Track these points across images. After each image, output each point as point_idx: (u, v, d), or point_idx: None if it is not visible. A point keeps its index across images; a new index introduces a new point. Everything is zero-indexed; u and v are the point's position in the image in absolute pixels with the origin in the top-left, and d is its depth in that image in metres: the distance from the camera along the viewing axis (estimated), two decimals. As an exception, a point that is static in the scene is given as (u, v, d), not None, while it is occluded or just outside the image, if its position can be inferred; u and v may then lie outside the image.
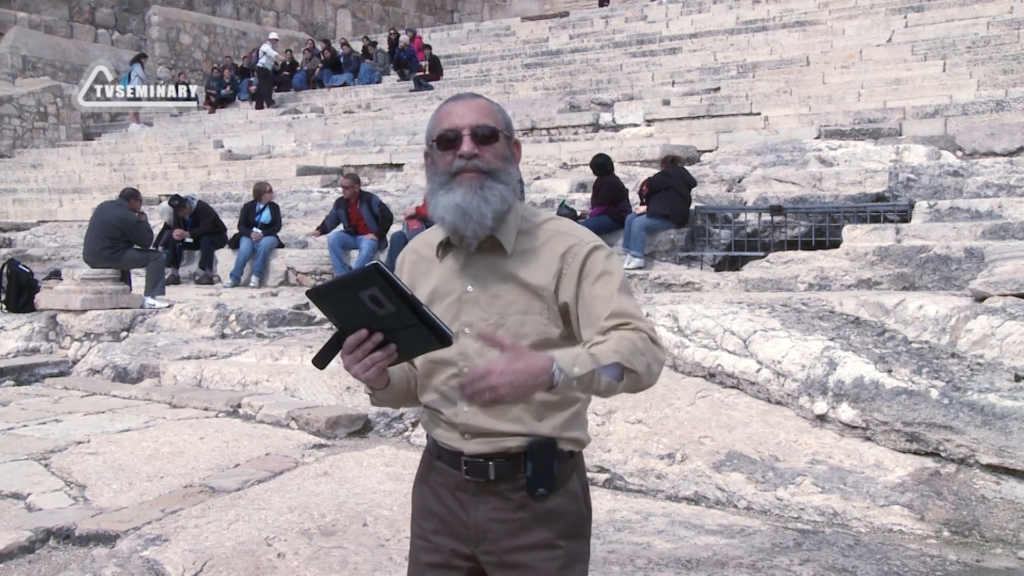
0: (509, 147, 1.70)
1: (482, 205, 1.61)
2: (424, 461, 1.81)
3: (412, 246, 1.81)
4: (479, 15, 31.52)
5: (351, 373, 1.52)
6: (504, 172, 1.66)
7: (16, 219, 14.67)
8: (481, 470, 1.66)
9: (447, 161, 1.65)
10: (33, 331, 7.59)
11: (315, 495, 3.82)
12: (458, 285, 1.68)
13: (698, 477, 4.03)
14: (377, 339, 1.48)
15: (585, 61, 17.36)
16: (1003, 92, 10.50)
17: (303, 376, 5.82)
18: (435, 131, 1.68)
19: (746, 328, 4.71)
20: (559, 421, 1.66)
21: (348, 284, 1.42)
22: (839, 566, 3.15)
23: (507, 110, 1.81)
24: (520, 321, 1.63)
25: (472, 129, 1.63)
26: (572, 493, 1.70)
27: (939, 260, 6.12)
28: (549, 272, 1.64)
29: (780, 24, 16.57)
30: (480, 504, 1.67)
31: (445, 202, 1.63)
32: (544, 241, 1.67)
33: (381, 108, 17.63)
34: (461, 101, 1.69)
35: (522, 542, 1.65)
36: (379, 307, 1.42)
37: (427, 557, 1.73)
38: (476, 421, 1.65)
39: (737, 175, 9.50)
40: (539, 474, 1.64)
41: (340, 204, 9.31)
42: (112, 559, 3.20)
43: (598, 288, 1.62)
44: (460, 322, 1.65)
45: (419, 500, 1.79)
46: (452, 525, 1.70)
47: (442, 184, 1.65)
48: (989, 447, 3.64)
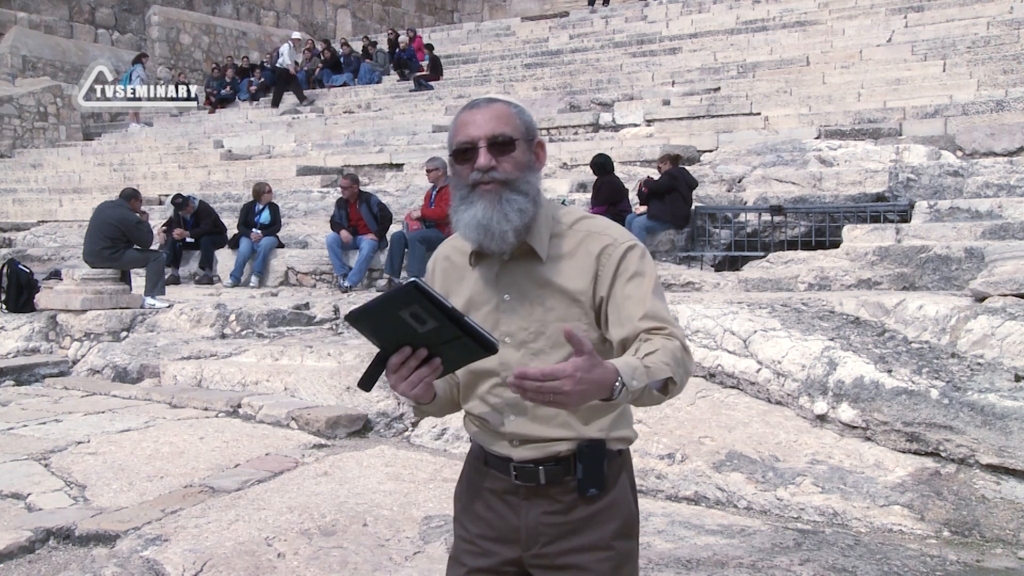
0: (531, 151, 1.65)
1: (502, 222, 1.58)
2: (470, 465, 1.79)
3: (443, 252, 1.78)
4: (479, 15, 31.52)
5: (398, 391, 1.50)
6: (523, 181, 1.61)
7: (16, 219, 14.67)
8: (531, 475, 1.64)
9: (465, 173, 1.62)
10: (33, 331, 7.59)
11: (315, 495, 3.82)
12: (494, 294, 1.65)
13: (698, 477, 4.03)
14: (421, 355, 1.45)
15: (585, 61, 17.36)
16: (1003, 92, 10.50)
17: (303, 376, 5.82)
18: (452, 142, 1.65)
19: (746, 328, 4.71)
20: (607, 422, 1.65)
21: (388, 304, 1.39)
22: (839, 566, 3.15)
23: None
24: (561, 329, 1.58)
25: (488, 139, 1.59)
26: (622, 492, 1.69)
27: (939, 260, 6.12)
28: (586, 276, 1.62)
29: (780, 24, 16.58)
30: (531, 508, 1.66)
31: (466, 219, 1.60)
32: (578, 243, 1.64)
33: (381, 108, 17.64)
34: (477, 109, 1.63)
35: (574, 544, 1.64)
36: (421, 323, 1.40)
37: (474, 561, 1.71)
38: (524, 429, 1.63)
39: (737, 175, 9.51)
40: (590, 475, 1.62)
41: (340, 204, 9.32)
42: (112, 559, 3.20)
43: (631, 288, 1.59)
44: (499, 332, 1.63)
45: (465, 503, 1.76)
46: (501, 529, 1.68)
47: (463, 198, 1.63)
48: (989, 447, 3.64)
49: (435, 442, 4.87)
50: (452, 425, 4.87)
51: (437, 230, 8.72)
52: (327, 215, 10.50)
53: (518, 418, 1.63)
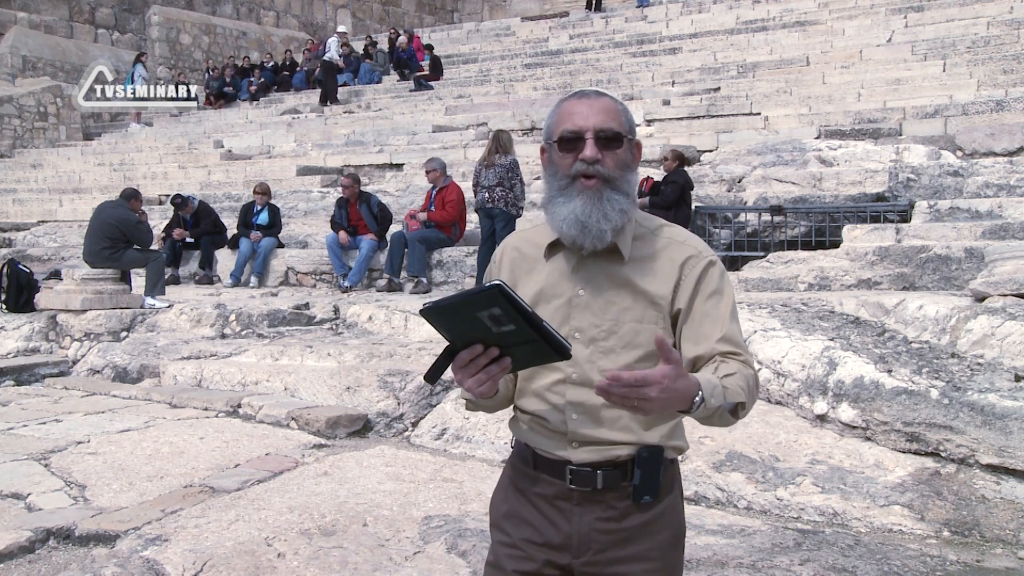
0: (631, 151, 1.63)
1: (602, 221, 1.55)
2: (514, 467, 1.73)
3: (513, 243, 1.74)
4: (479, 15, 31.52)
5: (464, 386, 1.47)
6: (625, 181, 1.59)
7: (16, 219, 14.67)
8: (588, 479, 1.60)
9: (567, 163, 1.58)
10: (33, 331, 7.59)
11: (315, 495, 3.82)
12: (568, 288, 1.62)
13: (698, 477, 4.03)
14: (492, 354, 1.44)
15: (585, 61, 17.37)
16: (1003, 92, 10.50)
17: (303, 376, 5.82)
18: (556, 130, 1.61)
19: (746, 328, 4.71)
20: (666, 430, 1.63)
21: (467, 304, 1.38)
22: (839, 566, 3.15)
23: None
24: (635, 330, 1.58)
25: (596, 132, 1.56)
26: (673, 502, 1.68)
27: (939, 260, 6.12)
28: (668, 282, 1.59)
29: (780, 24, 16.59)
30: (584, 514, 1.62)
31: (564, 213, 1.57)
32: (661, 248, 1.62)
33: (381, 108, 17.64)
34: (586, 99, 1.60)
35: (626, 553, 1.61)
36: (498, 325, 1.39)
37: (517, 565, 1.66)
38: (585, 429, 1.60)
39: (737, 175, 9.51)
40: (647, 482, 1.60)
41: (340, 204, 9.32)
42: (112, 559, 3.20)
43: (710, 306, 1.58)
44: (569, 326, 1.60)
45: (508, 506, 1.71)
46: (549, 535, 1.64)
47: (561, 189, 1.59)
48: (989, 447, 3.64)
49: (435, 442, 4.87)
50: (452, 425, 4.88)
51: (437, 230, 8.73)
52: (327, 215, 10.51)
53: (581, 417, 1.59)
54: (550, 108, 1.70)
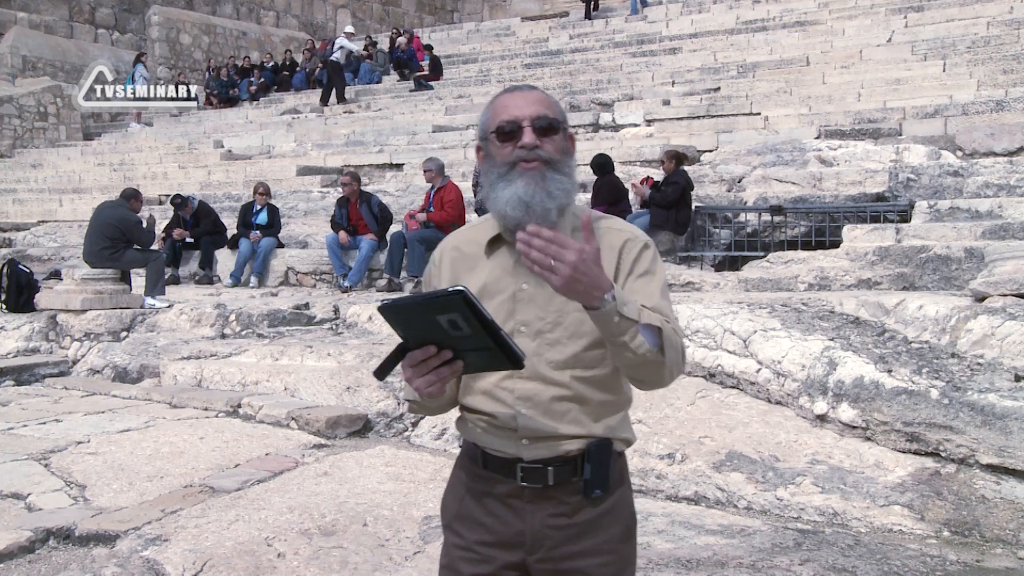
0: (566, 139, 1.66)
1: (545, 199, 1.57)
2: (463, 468, 1.74)
3: (452, 243, 1.75)
4: (479, 15, 31.52)
5: (413, 385, 1.48)
6: (565, 164, 1.62)
7: (16, 219, 14.68)
8: (539, 476, 1.61)
9: (507, 152, 1.61)
10: (33, 331, 7.59)
11: (315, 495, 3.82)
12: (511, 282, 1.63)
13: (698, 477, 4.03)
14: (446, 356, 1.44)
15: (585, 61, 17.37)
16: (1003, 92, 10.50)
17: (303, 376, 5.82)
18: (492, 122, 1.64)
19: (746, 328, 4.71)
20: (614, 421, 1.65)
21: (427, 306, 1.38)
22: (839, 566, 3.15)
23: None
24: (579, 319, 1.58)
25: (532, 120, 1.60)
26: (624, 493, 1.70)
27: (939, 260, 6.12)
28: (608, 268, 1.60)
29: (780, 24, 16.58)
30: (536, 511, 1.63)
31: (507, 195, 1.58)
32: (600, 237, 1.63)
33: (381, 108, 17.64)
34: (519, 92, 1.65)
35: (579, 548, 1.63)
36: (456, 329, 1.39)
37: (473, 568, 1.66)
38: (535, 424, 1.60)
39: (737, 175, 9.50)
40: (597, 476, 1.61)
41: (341, 203, 9.32)
42: (112, 559, 3.20)
43: (640, 284, 1.62)
44: (515, 320, 1.61)
45: (460, 508, 1.72)
46: (503, 534, 1.65)
47: (501, 175, 1.61)
48: (989, 447, 3.64)
49: (435, 442, 4.87)
50: (452, 425, 4.87)
51: (436, 230, 8.72)
52: (327, 215, 10.51)
53: (530, 412, 1.60)
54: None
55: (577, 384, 1.60)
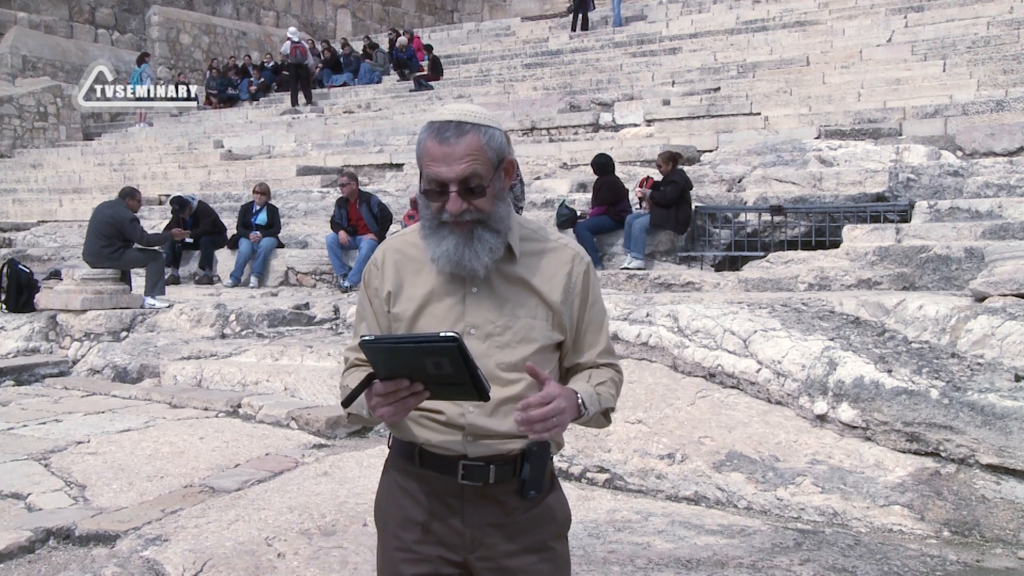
0: (500, 177, 1.63)
1: (474, 260, 1.60)
2: (395, 468, 1.74)
3: (394, 245, 1.75)
4: (479, 15, 31.52)
5: (378, 414, 1.49)
6: (495, 217, 1.61)
7: (16, 219, 14.68)
8: (481, 473, 1.63)
9: (436, 207, 1.60)
10: (33, 331, 7.59)
11: (315, 495, 3.82)
12: (459, 287, 1.65)
13: (698, 477, 4.03)
14: (417, 389, 1.45)
15: (585, 61, 17.37)
16: (1003, 92, 10.50)
17: (303, 376, 5.82)
18: (421, 172, 1.63)
19: (746, 328, 4.71)
20: None
21: (418, 350, 1.38)
22: (839, 566, 3.15)
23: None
24: (529, 325, 1.64)
25: (459, 182, 1.57)
26: (557, 493, 1.74)
27: (939, 260, 6.12)
28: (559, 283, 1.67)
29: (780, 24, 16.58)
30: (475, 510, 1.65)
31: (438, 253, 1.61)
32: (548, 248, 1.70)
33: (381, 108, 17.64)
34: (447, 144, 1.57)
35: (518, 546, 1.65)
36: (437, 369, 1.40)
37: (413, 568, 1.67)
38: (482, 421, 1.62)
39: (737, 175, 9.50)
40: (534, 476, 1.65)
41: (341, 203, 9.32)
42: (112, 559, 3.20)
43: (593, 314, 1.73)
44: (464, 323, 1.63)
45: (395, 511, 1.71)
46: (439, 533, 1.66)
47: (432, 230, 1.62)
48: (989, 447, 3.64)
49: (435, 442, 4.87)
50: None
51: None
52: (327, 215, 10.51)
53: (478, 410, 1.62)
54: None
55: (524, 387, 1.63)
